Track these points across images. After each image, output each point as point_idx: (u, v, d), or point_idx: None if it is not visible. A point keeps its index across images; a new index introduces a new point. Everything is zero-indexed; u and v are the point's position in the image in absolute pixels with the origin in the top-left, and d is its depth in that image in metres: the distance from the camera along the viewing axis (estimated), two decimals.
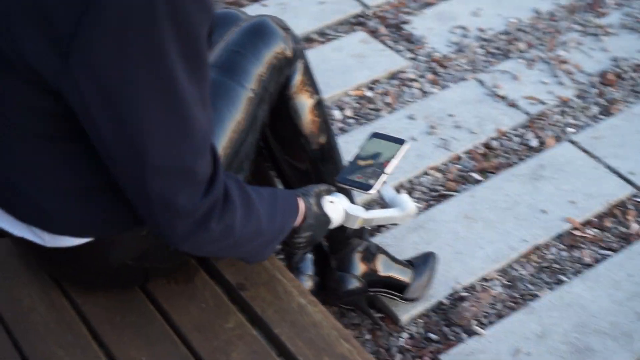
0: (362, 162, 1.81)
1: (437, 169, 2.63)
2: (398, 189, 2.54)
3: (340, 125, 2.77)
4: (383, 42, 3.10)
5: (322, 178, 2.01)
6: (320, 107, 1.97)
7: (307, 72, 1.92)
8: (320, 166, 2.00)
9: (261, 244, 1.52)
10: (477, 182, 2.59)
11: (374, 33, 3.14)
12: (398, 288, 2.20)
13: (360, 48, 3.05)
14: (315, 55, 3.00)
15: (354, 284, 2.12)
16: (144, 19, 1.17)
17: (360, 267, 2.13)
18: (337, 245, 2.11)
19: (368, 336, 2.20)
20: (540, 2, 3.33)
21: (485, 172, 2.62)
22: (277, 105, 1.89)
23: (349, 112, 2.82)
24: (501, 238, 2.41)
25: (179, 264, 1.67)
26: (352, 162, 1.80)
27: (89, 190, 1.44)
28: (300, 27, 3.13)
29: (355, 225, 1.77)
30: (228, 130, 1.68)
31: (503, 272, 2.34)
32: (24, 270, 1.69)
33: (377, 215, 1.79)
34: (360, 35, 3.11)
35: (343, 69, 2.95)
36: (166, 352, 1.55)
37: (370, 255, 2.14)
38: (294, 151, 1.98)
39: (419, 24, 3.19)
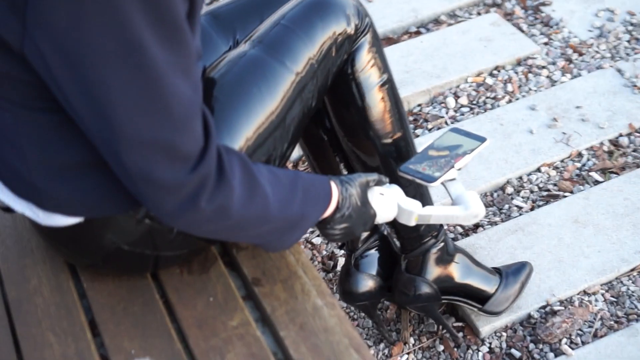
0: (434, 153, 1.64)
1: (553, 166, 2.35)
2: (487, 193, 2.28)
3: (452, 113, 2.54)
4: (516, 25, 2.82)
5: (396, 178, 1.80)
6: (391, 90, 1.76)
7: (375, 48, 1.73)
8: (392, 164, 1.79)
9: (274, 230, 1.40)
10: (596, 183, 2.29)
11: (508, 16, 2.87)
12: (478, 298, 1.96)
13: (488, 31, 2.79)
14: (437, 38, 2.78)
15: (424, 289, 1.90)
16: None
17: (433, 271, 1.90)
18: (408, 244, 1.90)
19: (441, 347, 1.98)
20: None
21: (607, 172, 2.31)
22: (338, 87, 1.72)
23: (464, 100, 2.58)
24: (612, 247, 2.11)
25: (193, 252, 1.53)
26: (422, 152, 1.63)
27: (76, 166, 1.34)
28: (428, 7, 2.92)
29: (411, 222, 1.59)
30: (256, 113, 1.52)
31: (609, 286, 2.04)
32: (39, 249, 1.60)
33: (436, 212, 1.59)
34: (493, 17, 2.85)
35: (465, 53, 2.71)
36: (159, 346, 1.42)
37: (446, 257, 1.91)
38: (362, 143, 1.78)
39: (560, 6, 2.88)
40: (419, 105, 2.59)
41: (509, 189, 2.30)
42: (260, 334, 1.44)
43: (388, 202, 1.57)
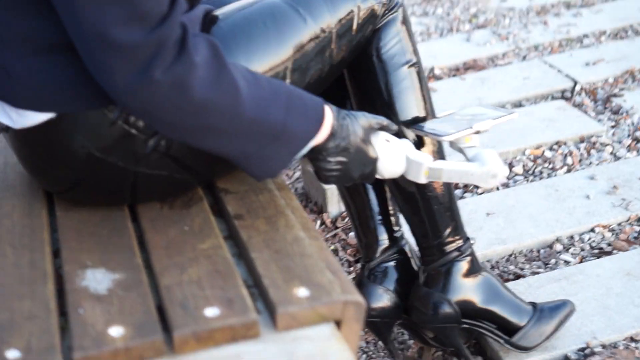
0: (456, 117, 1.52)
1: (608, 228, 2.15)
2: (534, 249, 2.09)
3: (504, 180, 2.38)
4: (584, 111, 2.69)
5: (430, 205, 1.66)
6: (418, 73, 1.64)
7: (404, 28, 1.64)
8: (430, 190, 1.65)
9: (252, 138, 1.27)
10: None
11: (577, 105, 2.74)
12: (506, 329, 1.74)
13: (553, 114, 2.66)
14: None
15: (443, 308, 1.70)
16: None
17: (455, 289, 1.70)
18: (428, 254, 1.72)
19: None
20: None
21: None
22: (361, 64, 1.63)
23: (519, 169, 2.43)
24: None
25: (174, 183, 1.40)
26: (444, 116, 1.50)
27: (49, 49, 1.28)
28: (494, 96, 2.82)
29: (421, 178, 1.44)
30: (259, 51, 1.43)
31: None
32: (22, 185, 1.51)
33: (448, 166, 1.44)
34: (559, 103, 2.73)
35: (525, 130, 2.58)
36: (117, 260, 1.28)
37: (472, 275, 1.71)
38: None
39: (632, 97, 2.75)
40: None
41: (558, 246, 2.11)
42: (230, 255, 1.28)
43: (394, 151, 1.43)
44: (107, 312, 1.17)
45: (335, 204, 2.35)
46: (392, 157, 1.43)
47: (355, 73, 1.65)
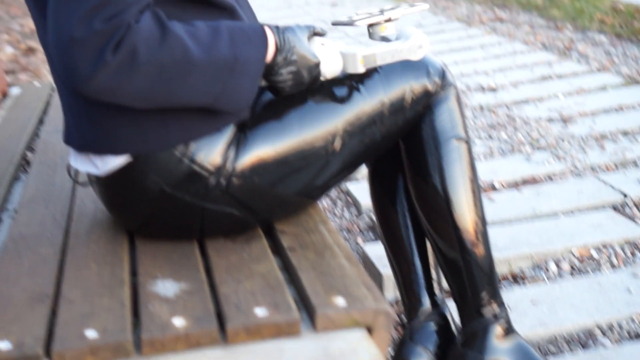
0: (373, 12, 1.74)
1: None
2: (573, 333, 2.20)
3: (552, 276, 2.53)
4: (632, 220, 2.84)
5: (472, 272, 1.83)
6: (467, 150, 1.81)
7: (455, 106, 1.81)
8: (470, 255, 1.82)
9: (212, 78, 1.44)
10: None
11: (626, 215, 2.89)
12: None
13: (602, 220, 2.82)
14: (549, 222, 2.82)
15: None
16: None
17: (491, 350, 1.85)
18: (466, 314, 1.87)
19: None
20: None
21: None
22: (413, 136, 1.80)
23: (565, 266, 2.57)
24: None
25: (237, 221, 1.61)
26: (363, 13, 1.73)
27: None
28: (550, 207, 2.98)
29: (358, 67, 1.62)
30: (312, 123, 1.64)
31: None
32: (109, 221, 1.74)
33: (379, 49, 1.63)
34: (608, 212, 2.89)
35: (575, 232, 2.73)
36: (183, 275, 1.49)
37: (508, 338, 1.86)
38: (436, 218, 1.83)
39: None
40: (520, 268, 2.60)
41: (597, 332, 2.23)
42: (282, 277, 1.47)
43: (330, 51, 1.62)
44: (172, 308, 1.37)
45: (391, 289, 2.51)
46: (330, 57, 1.62)
47: (408, 143, 1.82)
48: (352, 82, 1.70)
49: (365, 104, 1.69)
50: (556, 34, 5.78)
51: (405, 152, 1.84)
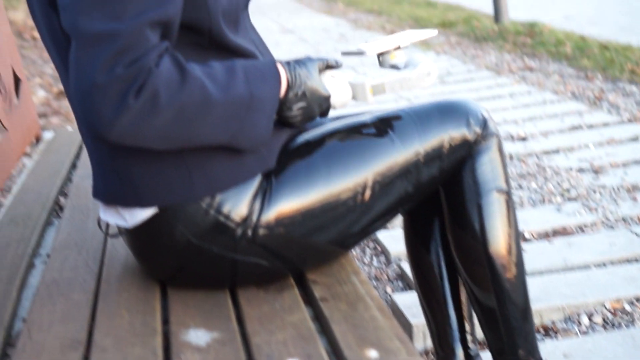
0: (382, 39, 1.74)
1: None
2: None
3: (584, 329, 2.50)
4: None
5: (510, 323, 1.82)
6: (508, 203, 1.77)
7: (497, 157, 1.76)
8: (508, 307, 1.81)
9: (229, 117, 1.45)
10: None
11: None
12: None
13: (636, 274, 2.78)
14: (580, 273, 2.79)
15: None
16: None
17: None
18: (499, 358, 1.85)
19: None
20: None
21: None
22: (453, 191, 1.77)
23: (598, 319, 2.54)
24: None
25: (268, 271, 1.61)
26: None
27: (147, 152, 1.49)
28: (582, 259, 2.96)
29: (368, 98, 1.63)
30: (341, 172, 1.63)
31: None
32: (142, 270, 1.74)
33: (388, 78, 1.63)
34: None
35: (608, 285, 2.70)
36: (216, 325, 1.49)
37: None
38: (474, 268, 1.81)
39: None
40: (552, 320, 2.57)
41: None
42: (314, 328, 1.46)
43: (340, 83, 1.62)
44: (204, 358, 1.36)
45: (420, 340, 2.49)
46: (339, 88, 1.62)
47: (448, 191, 1.78)
48: (386, 129, 1.67)
49: (399, 154, 1.66)
50: (586, 84, 5.77)
51: (445, 200, 1.80)
